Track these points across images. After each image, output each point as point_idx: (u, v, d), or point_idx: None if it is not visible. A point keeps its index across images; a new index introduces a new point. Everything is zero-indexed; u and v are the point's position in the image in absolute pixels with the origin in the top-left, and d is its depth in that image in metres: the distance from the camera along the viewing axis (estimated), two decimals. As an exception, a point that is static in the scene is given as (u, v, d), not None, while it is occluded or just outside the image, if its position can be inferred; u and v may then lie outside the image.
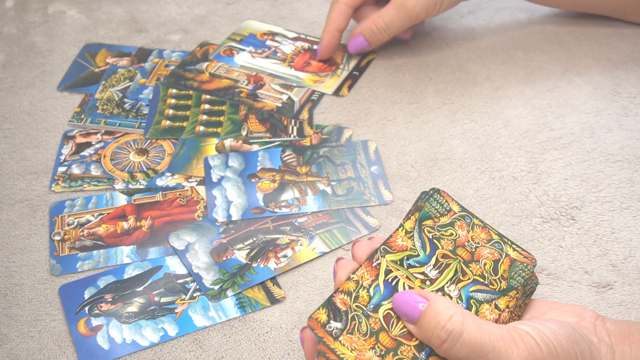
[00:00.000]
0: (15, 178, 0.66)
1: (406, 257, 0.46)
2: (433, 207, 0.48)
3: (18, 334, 0.54)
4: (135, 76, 0.75)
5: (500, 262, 0.46)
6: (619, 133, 0.67)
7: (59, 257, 0.59)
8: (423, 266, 0.46)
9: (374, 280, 0.45)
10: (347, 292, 0.44)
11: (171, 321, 0.54)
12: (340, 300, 0.43)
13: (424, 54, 0.77)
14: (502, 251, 0.47)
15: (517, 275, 0.46)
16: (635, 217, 0.60)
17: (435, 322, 0.41)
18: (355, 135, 0.68)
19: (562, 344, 0.41)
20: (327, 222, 0.61)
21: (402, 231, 0.47)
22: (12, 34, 0.82)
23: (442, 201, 0.48)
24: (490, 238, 0.47)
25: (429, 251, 0.46)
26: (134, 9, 0.85)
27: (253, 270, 0.57)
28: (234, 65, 0.76)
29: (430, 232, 0.47)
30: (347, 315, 0.43)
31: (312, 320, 0.42)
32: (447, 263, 0.46)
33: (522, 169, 0.64)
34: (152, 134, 0.69)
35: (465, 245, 0.47)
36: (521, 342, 0.41)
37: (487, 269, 0.46)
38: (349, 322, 0.43)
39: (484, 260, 0.46)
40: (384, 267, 0.45)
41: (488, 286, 0.45)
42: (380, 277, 0.45)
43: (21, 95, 0.74)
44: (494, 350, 0.40)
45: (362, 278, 0.44)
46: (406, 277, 0.45)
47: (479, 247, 0.47)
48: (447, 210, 0.48)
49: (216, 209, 0.62)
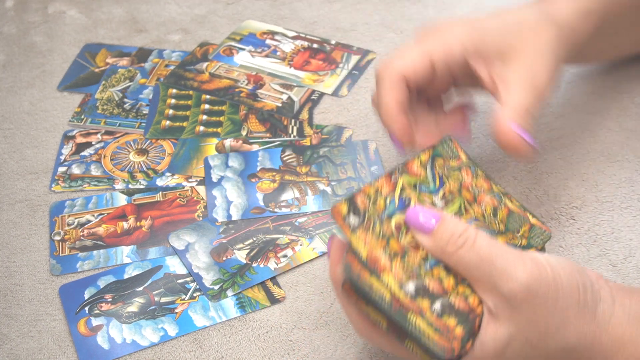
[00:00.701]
0: (15, 178, 0.66)
1: (419, 183, 0.48)
2: (445, 149, 0.50)
3: (18, 333, 0.54)
4: (135, 76, 0.75)
5: (499, 209, 0.48)
6: (619, 132, 0.67)
7: (59, 257, 0.59)
8: (432, 195, 0.48)
9: (391, 192, 0.47)
10: (367, 195, 0.46)
11: (171, 321, 0.54)
12: (361, 200, 0.46)
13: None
14: (501, 202, 0.49)
15: (537, 237, 0.48)
16: (635, 217, 0.60)
17: (452, 230, 0.43)
18: (355, 135, 0.68)
19: (567, 269, 0.43)
20: (327, 222, 0.61)
21: (418, 160, 0.49)
22: (12, 34, 0.82)
23: (453, 147, 0.51)
24: (491, 188, 0.49)
25: (438, 184, 0.49)
26: (134, 9, 0.85)
27: (253, 270, 0.57)
28: (233, 65, 0.76)
29: (440, 170, 0.49)
30: (365, 215, 0.45)
31: (335, 209, 0.45)
32: (452, 198, 0.48)
33: (522, 168, 0.64)
34: (152, 134, 0.69)
35: (469, 189, 0.49)
36: (528, 258, 0.42)
37: (487, 212, 0.48)
38: (366, 220, 0.45)
39: (485, 205, 0.48)
40: (400, 184, 0.48)
41: (488, 226, 0.47)
42: (396, 192, 0.47)
43: (21, 95, 0.74)
44: (502, 259, 0.41)
45: (381, 187, 0.47)
46: (418, 199, 0.47)
47: (481, 193, 0.49)
48: (456, 155, 0.50)
49: (216, 209, 0.62)
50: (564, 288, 0.42)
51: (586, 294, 0.43)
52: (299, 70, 0.75)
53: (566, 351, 0.43)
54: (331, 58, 0.77)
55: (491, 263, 0.42)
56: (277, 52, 0.77)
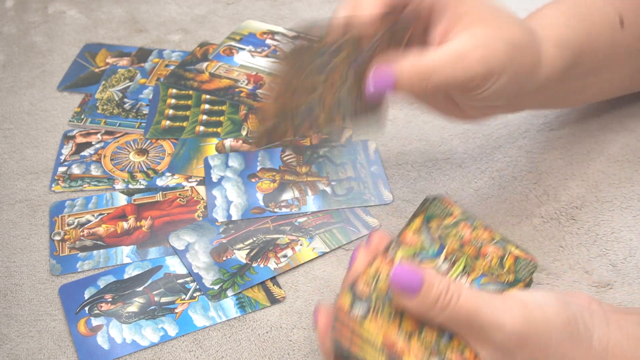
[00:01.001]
0: (15, 178, 0.66)
1: (417, 252, 0.47)
2: (436, 210, 0.50)
3: (18, 333, 0.54)
4: (135, 76, 0.75)
5: (505, 258, 0.48)
6: (620, 133, 0.67)
7: (59, 257, 0.59)
8: (434, 260, 0.47)
9: (391, 269, 0.46)
10: (367, 279, 0.45)
11: (171, 321, 0.54)
12: (362, 287, 0.45)
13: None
14: (506, 249, 0.48)
15: (522, 269, 0.47)
16: (635, 217, 0.60)
17: (438, 290, 0.42)
18: (355, 135, 0.68)
19: (553, 306, 0.42)
20: (327, 222, 0.61)
21: (411, 229, 0.49)
22: (12, 34, 0.82)
23: (444, 206, 0.50)
24: (493, 238, 0.49)
25: (437, 248, 0.48)
26: (134, 9, 0.85)
27: (253, 270, 0.57)
28: (233, 65, 0.76)
29: (437, 232, 0.49)
30: (370, 301, 0.44)
31: (337, 306, 0.44)
32: (456, 258, 0.47)
33: (522, 168, 0.64)
34: (152, 134, 0.69)
35: (471, 242, 0.48)
36: (513, 303, 0.42)
37: (493, 264, 0.47)
38: (373, 306, 0.44)
39: (490, 256, 0.48)
40: (397, 259, 0.47)
41: (497, 279, 0.47)
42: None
43: (21, 95, 0.74)
44: (489, 309, 0.41)
45: (379, 268, 0.46)
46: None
47: (484, 245, 0.48)
48: (449, 213, 0.50)
49: (216, 209, 0.62)
50: (555, 325, 0.41)
51: (578, 325, 0.42)
52: (299, 70, 0.75)
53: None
54: (331, 58, 0.77)
55: (479, 316, 0.41)
56: (277, 52, 0.77)
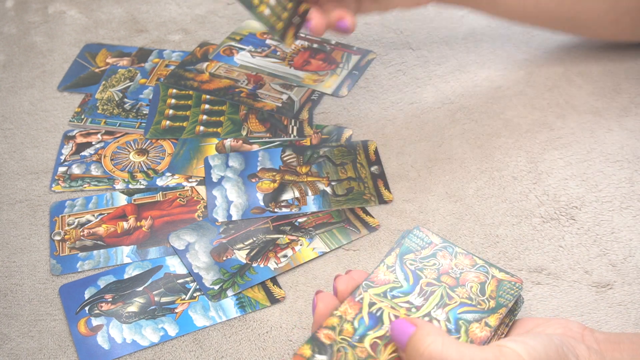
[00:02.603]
0: (15, 178, 0.66)
1: (389, 289, 0.47)
2: (413, 242, 0.49)
3: (18, 333, 0.54)
4: (135, 76, 0.75)
5: (487, 283, 0.47)
6: (619, 133, 0.67)
7: (59, 257, 0.59)
8: (407, 295, 0.46)
9: (358, 313, 0.45)
10: (331, 327, 0.44)
11: (171, 321, 0.54)
12: (325, 335, 0.44)
13: (424, 54, 0.77)
14: (488, 273, 0.48)
15: (506, 294, 0.47)
16: (635, 217, 0.60)
17: (416, 348, 0.41)
18: (355, 135, 0.68)
19: (543, 355, 0.41)
20: (327, 222, 0.61)
21: (384, 266, 0.48)
22: (12, 34, 0.82)
23: (422, 236, 0.50)
24: (475, 263, 0.48)
25: (412, 282, 0.47)
26: (134, 9, 0.85)
27: (253, 270, 0.57)
28: (233, 65, 0.76)
29: (413, 265, 0.48)
30: (332, 348, 0.43)
31: (297, 356, 0.43)
32: (432, 290, 0.47)
33: (522, 168, 0.64)
34: (152, 134, 0.69)
35: (449, 272, 0.48)
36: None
37: (473, 291, 0.47)
38: (335, 354, 0.43)
39: (470, 284, 0.47)
40: (367, 300, 0.46)
41: (476, 306, 0.46)
42: (364, 309, 0.45)
43: (21, 96, 0.74)
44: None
45: (345, 313, 0.45)
46: (391, 307, 0.46)
47: (464, 272, 0.48)
48: (427, 243, 0.49)
49: (216, 209, 0.62)
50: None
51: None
52: (299, 70, 0.75)
53: None
54: (331, 58, 0.77)
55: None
56: (277, 52, 0.77)
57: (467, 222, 0.60)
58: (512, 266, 0.57)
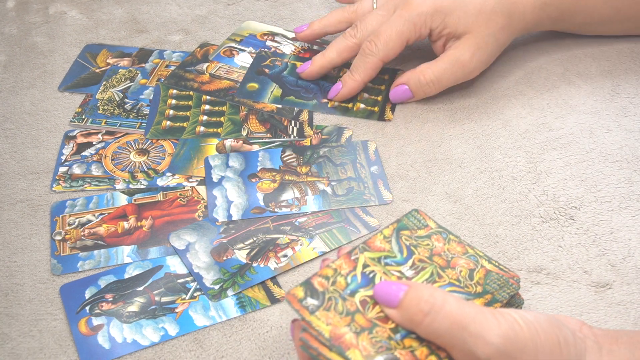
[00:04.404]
0: (16, 178, 0.66)
1: (384, 257, 0.48)
2: (410, 221, 0.50)
3: (19, 333, 0.54)
4: (135, 77, 0.75)
5: (476, 271, 0.48)
6: (618, 133, 0.67)
7: (59, 256, 0.59)
8: (400, 266, 0.47)
9: (352, 270, 0.46)
10: (325, 276, 0.46)
11: (172, 321, 0.55)
12: (318, 282, 0.45)
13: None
14: (477, 263, 0.48)
15: (493, 283, 0.47)
16: (634, 217, 0.60)
17: (417, 298, 0.42)
18: (355, 135, 0.68)
19: (544, 326, 0.42)
20: (327, 222, 0.61)
21: (380, 236, 0.49)
22: (13, 34, 0.82)
23: (420, 218, 0.51)
24: (466, 251, 0.49)
25: (405, 255, 0.48)
26: (134, 9, 0.85)
27: (253, 270, 0.57)
28: (234, 66, 0.76)
29: (408, 241, 0.49)
30: (324, 296, 0.45)
31: (290, 294, 0.44)
32: (423, 266, 0.48)
33: (521, 169, 0.64)
34: (153, 134, 0.69)
35: (441, 254, 0.48)
36: (502, 318, 0.41)
37: (462, 275, 0.47)
38: (325, 301, 0.44)
39: (459, 268, 0.48)
40: (362, 261, 0.47)
41: (463, 289, 0.47)
42: (358, 269, 0.47)
43: (22, 96, 0.74)
44: (475, 322, 0.41)
45: (340, 267, 0.46)
46: (383, 272, 0.47)
47: (455, 257, 0.48)
48: (424, 225, 0.50)
49: (217, 208, 0.62)
50: (542, 346, 0.41)
51: (569, 347, 0.42)
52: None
53: None
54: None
55: (464, 328, 0.41)
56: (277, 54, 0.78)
57: (466, 222, 0.60)
58: (512, 266, 0.57)
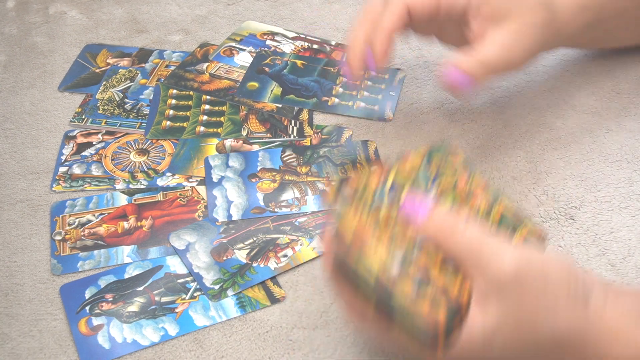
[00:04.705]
0: (16, 178, 0.66)
1: (413, 174, 0.49)
2: (442, 150, 0.51)
3: (19, 333, 0.54)
4: (135, 77, 0.75)
5: (494, 208, 0.48)
6: (618, 133, 0.67)
7: (59, 256, 0.59)
8: (425, 187, 0.48)
9: (383, 180, 0.48)
10: (359, 180, 0.48)
11: (172, 321, 0.55)
12: (352, 185, 0.47)
13: (423, 54, 0.77)
14: (496, 202, 0.49)
15: (509, 222, 0.48)
16: (634, 217, 0.60)
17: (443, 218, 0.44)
18: (355, 135, 0.68)
19: (557, 264, 0.43)
20: (327, 222, 0.61)
21: (414, 154, 0.50)
22: (13, 34, 0.82)
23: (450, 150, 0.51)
24: (487, 190, 0.50)
25: (432, 177, 0.49)
26: (134, 9, 0.85)
27: (253, 270, 0.57)
28: (234, 66, 0.76)
29: (436, 165, 0.50)
30: (355, 198, 0.47)
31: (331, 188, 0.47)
32: (445, 194, 0.49)
33: (521, 168, 0.64)
34: (153, 134, 0.69)
35: (463, 187, 0.49)
36: (519, 248, 0.43)
37: (481, 209, 0.48)
38: (354, 203, 0.46)
39: (479, 203, 0.49)
40: (392, 174, 0.48)
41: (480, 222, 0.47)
42: (389, 181, 0.48)
43: (22, 96, 0.74)
44: (491, 245, 0.42)
45: (373, 175, 0.48)
46: (410, 188, 0.48)
47: (476, 193, 0.49)
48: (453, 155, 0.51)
49: (217, 208, 0.62)
50: (553, 278, 0.42)
51: (577, 285, 0.43)
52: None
53: (556, 341, 0.42)
54: (331, 59, 0.77)
55: (480, 248, 0.42)
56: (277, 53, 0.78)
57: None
58: (512, 266, 0.57)
